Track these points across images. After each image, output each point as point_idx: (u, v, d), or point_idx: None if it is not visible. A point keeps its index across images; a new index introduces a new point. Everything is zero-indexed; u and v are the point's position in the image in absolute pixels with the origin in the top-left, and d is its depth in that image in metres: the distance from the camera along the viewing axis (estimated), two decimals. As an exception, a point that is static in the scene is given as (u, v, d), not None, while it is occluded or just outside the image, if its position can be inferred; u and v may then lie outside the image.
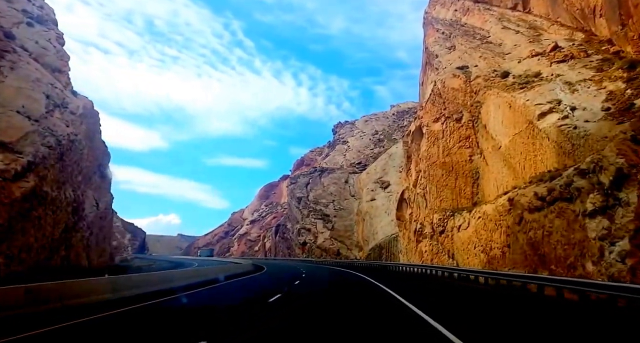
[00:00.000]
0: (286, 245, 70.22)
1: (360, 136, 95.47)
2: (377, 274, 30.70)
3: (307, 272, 32.60)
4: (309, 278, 25.73)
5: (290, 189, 74.53)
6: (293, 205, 71.16)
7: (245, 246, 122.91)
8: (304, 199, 68.30)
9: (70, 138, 29.33)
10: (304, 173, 76.50)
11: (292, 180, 75.68)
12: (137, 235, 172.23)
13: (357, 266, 44.15)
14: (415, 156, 40.85)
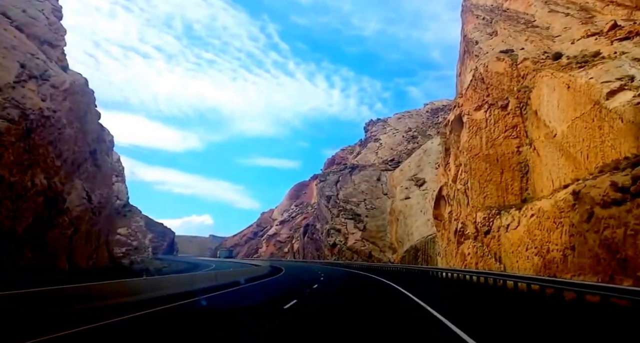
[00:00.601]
0: (315, 246, 68.06)
1: (392, 133, 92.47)
2: (416, 285, 24.25)
3: (325, 278, 29.59)
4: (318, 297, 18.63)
5: (319, 187, 72.38)
6: (322, 204, 68.94)
7: (274, 247, 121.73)
8: (333, 198, 65.97)
9: (44, 114, 25.47)
10: (334, 171, 74.18)
11: (321, 178, 73.50)
12: (165, 236, 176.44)
13: (389, 271, 41.25)
14: (455, 149, 37.78)
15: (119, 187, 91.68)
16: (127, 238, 70.14)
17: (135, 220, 79.05)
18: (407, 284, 23.62)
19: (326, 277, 30.91)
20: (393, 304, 15.11)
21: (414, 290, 20.05)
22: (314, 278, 29.76)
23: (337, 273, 37.01)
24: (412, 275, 34.94)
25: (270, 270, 37.67)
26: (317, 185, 74.57)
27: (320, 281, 26.85)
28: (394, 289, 21.14)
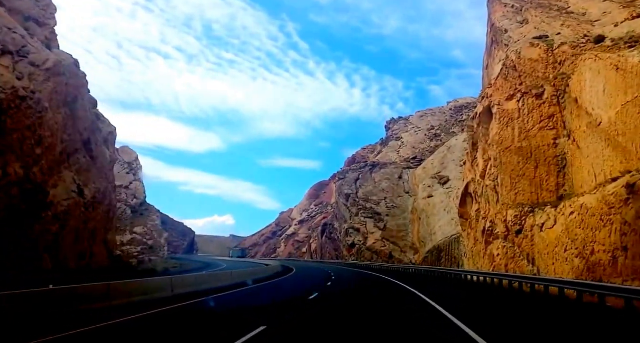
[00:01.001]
0: (333, 246, 66.16)
1: (415, 131, 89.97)
2: (445, 294, 20.45)
3: (334, 282, 27.38)
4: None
5: (338, 185, 70.46)
6: (341, 202, 66.99)
7: (292, 247, 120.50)
8: (352, 196, 63.95)
9: (19, 94, 22.70)
10: (353, 169, 72.16)
11: (340, 176, 71.56)
12: (186, 235, 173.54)
13: (411, 274, 38.99)
14: (483, 142, 35.36)
15: (137, 186, 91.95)
16: (142, 238, 69.71)
17: (152, 219, 78.76)
18: (438, 296, 17.90)
19: (336, 281, 28.61)
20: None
21: (448, 304, 14.42)
22: (318, 283, 26.94)
23: (351, 276, 33.71)
24: (437, 279, 32.64)
25: (279, 271, 36.33)
26: (336, 183, 72.66)
27: (325, 287, 23.59)
28: (420, 301, 16.44)
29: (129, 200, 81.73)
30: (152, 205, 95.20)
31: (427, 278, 33.43)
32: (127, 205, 78.46)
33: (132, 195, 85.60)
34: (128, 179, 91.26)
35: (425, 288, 22.19)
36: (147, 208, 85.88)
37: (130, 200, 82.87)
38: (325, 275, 33.46)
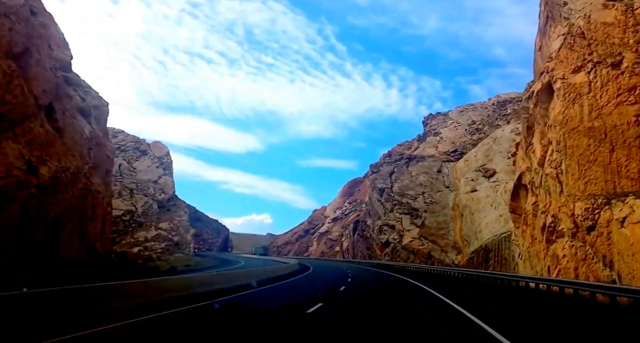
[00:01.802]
0: (365, 244, 61.91)
1: (454, 127, 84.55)
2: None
3: (350, 284, 23.60)
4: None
5: (371, 179, 66.12)
6: (374, 197, 62.66)
7: (325, 246, 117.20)
8: (387, 191, 59.52)
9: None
10: (388, 162, 67.63)
11: (374, 170, 67.20)
12: (220, 232, 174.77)
13: (451, 278, 34.27)
14: (541, 125, 30.36)
15: (166, 181, 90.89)
16: (168, 233, 67.90)
17: (179, 214, 77.08)
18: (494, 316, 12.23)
19: (352, 284, 24.76)
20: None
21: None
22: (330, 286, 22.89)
23: (373, 280, 29.47)
24: (483, 285, 27.95)
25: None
26: (369, 176, 68.32)
27: (337, 293, 19.41)
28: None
29: (156, 195, 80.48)
30: (182, 200, 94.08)
31: (471, 283, 28.86)
32: (154, 200, 77.12)
33: (161, 190, 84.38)
34: (157, 174, 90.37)
35: (473, 301, 17.48)
36: (175, 203, 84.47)
37: (158, 194, 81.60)
38: (341, 276, 29.59)
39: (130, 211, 69.60)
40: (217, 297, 15.46)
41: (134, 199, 73.47)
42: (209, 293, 16.49)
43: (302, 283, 25.15)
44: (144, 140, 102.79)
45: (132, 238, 64.00)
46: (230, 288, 18.55)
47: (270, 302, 16.19)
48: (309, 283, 25.22)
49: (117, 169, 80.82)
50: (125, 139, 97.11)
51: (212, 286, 18.20)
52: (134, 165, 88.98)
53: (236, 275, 21.99)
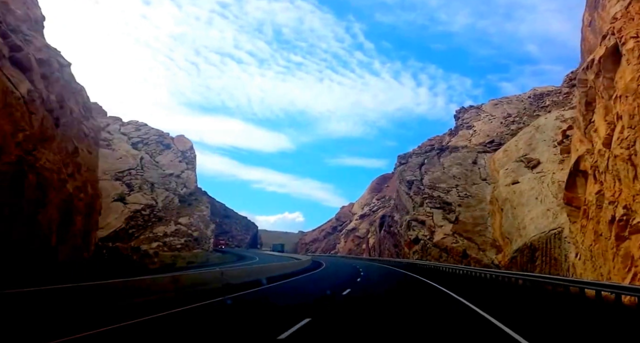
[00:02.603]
0: (393, 241, 56.82)
1: (489, 120, 78.63)
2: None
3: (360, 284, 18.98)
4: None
5: (399, 171, 60.92)
6: (402, 191, 57.53)
7: (352, 243, 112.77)
8: (416, 183, 54.31)
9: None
10: (417, 153, 62.32)
11: (402, 160, 61.98)
12: (249, 229, 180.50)
13: (492, 282, 28.88)
14: (605, 98, 24.77)
15: (188, 175, 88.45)
16: (187, 228, 64.92)
17: (200, 209, 74.18)
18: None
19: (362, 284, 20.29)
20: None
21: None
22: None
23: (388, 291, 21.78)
24: (531, 292, 22.80)
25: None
26: (397, 168, 63.14)
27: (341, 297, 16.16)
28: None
29: (178, 189, 77.94)
30: (204, 195, 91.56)
31: (518, 291, 23.76)
32: (175, 194, 74.55)
33: (182, 184, 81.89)
34: (180, 168, 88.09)
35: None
36: (196, 198, 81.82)
37: (180, 189, 79.08)
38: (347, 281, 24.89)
39: (150, 205, 67.14)
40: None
41: (154, 193, 71.07)
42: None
43: (298, 285, 21.52)
44: (167, 134, 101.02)
45: (151, 233, 61.42)
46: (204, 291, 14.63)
47: (245, 315, 12.06)
48: (306, 286, 21.19)
49: (139, 162, 78.86)
50: (148, 133, 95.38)
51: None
52: (157, 159, 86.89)
53: (228, 274, 18.00)
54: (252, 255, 68.58)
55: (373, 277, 28.42)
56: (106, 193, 66.51)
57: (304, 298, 16.23)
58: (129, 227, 60.85)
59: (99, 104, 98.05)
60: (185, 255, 51.58)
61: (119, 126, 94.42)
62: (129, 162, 76.31)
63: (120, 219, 60.59)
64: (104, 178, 69.84)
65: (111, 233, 57.93)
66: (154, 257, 40.28)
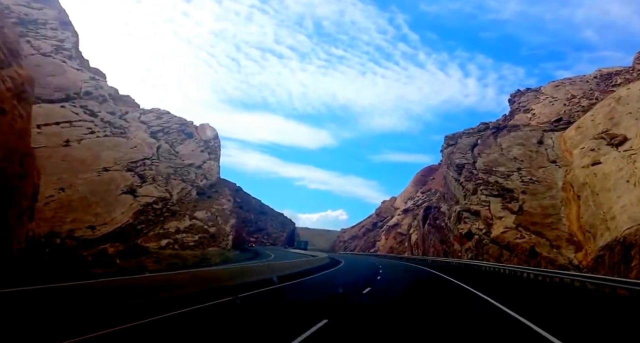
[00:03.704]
0: (439, 237, 49.89)
1: (549, 102, 70.68)
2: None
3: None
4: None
5: (446, 154, 53.89)
6: (450, 177, 50.61)
7: (394, 240, 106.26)
8: (467, 167, 47.36)
9: None
10: (468, 133, 55.07)
11: (450, 141, 54.84)
12: (285, 227, 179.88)
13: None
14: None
15: (210, 166, 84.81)
16: (204, 224, 60.75)
17: (220, 202, 70.04)
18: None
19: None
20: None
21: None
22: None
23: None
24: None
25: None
26: (444, 150, 56.09)
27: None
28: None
29: (197, 181, 74.25)
30: (225, 187, 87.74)
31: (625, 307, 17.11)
32: (193, 186, 70.83)
33: (203, 176, 78.28)
34: (202, 158, 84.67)
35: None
36: (217, 190, 77.93)
37: (199, 180, 75.42)
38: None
39: (163, 198, 63.54)
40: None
41: (169, 185, 67.50)
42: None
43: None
44: (191, 123, 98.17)
45: (162, 230, 57.67)
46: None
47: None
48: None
49: (155, 152, 75.80)
50: (170, 121, 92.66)
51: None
52: (177, 148, 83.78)
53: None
54: (269, 253, 66.43)
55: (390, 293, 18.64)
56: (115, 185, 63.68)
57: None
58: (137, 222, 57.33)
59: (132, 97, 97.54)
60: (188, 254, 47.21)
61: (138, 114, 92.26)
62: (144, 152, 73.27)
63: (127, 214, 57.16)
64: (114, 168, 67.05)
65: (116, 229, 54.52)
66: (144, 260, 34.70)
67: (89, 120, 75.83)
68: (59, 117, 72.99)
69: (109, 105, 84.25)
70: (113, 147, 73.63)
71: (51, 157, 64.51)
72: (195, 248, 55.01)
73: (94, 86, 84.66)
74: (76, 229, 54.45)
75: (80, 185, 61.38)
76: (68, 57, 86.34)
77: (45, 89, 78.34)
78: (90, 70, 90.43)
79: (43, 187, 60.66)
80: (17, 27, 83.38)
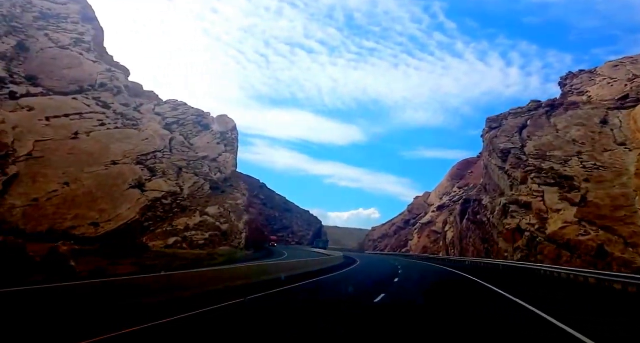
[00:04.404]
0: (480, 234, 43.74)
1: (607, 83, 62.97)
2: None
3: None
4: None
5: (488, 138, 47.78)
6: (493, 164, 44.61)
7: (427, 239, 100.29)
8: (515, 152, 41.36)
9: None
10: (515, 113, 48.77)
11: (493, 124, 48.67)
12: (311, 225, 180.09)
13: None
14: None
15: (226, 158, 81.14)
16: (216, 221, 56.83)
17: (234, 197, 66.02)
18: None
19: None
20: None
21: None
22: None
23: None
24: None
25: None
26: (485, 135, 49.91)
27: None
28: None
29: (211, 174, 70.57)
30: (241, 181, 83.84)
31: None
32: (206, 180, 67.11)
33: (217, 169, 74.63)
34: (217, 150, 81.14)
35: None
36: (232, 184, 74.05)
37: (213, 174, 71.73)
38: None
39: (173, 193, 60.05)
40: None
41: (180, 179, 64.03)
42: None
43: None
44: (208, 114, 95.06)
45: (170, 227, 54.07)
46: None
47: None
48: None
49: (168, 144, 72.66)
50: (186, 112, 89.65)
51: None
52: (192, 140, 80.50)
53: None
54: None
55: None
56: (123, 179, 60.68)
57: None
58: (144, 219, 53.97)
59: (155, 93, 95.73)
60: (189, 254, 43.21)
61: (153, 106, 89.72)
62: (155, 144, 70.16)
63: (134, 210, 53.89)
64: (123, 162, 64.19)
65: (121, 227, 51.27)
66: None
67: (100, 112, 73.60)
68: (70, 109, 71.02)
69: (123, 97, 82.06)
70: (123, 140, 70.93)
71: (57, 151, 62.33)
72: (205, 247, 51.16)
73: (109, 78, 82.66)
74: (78, 226, 51.70)
75: (86, 180, 58.78)
76: (86, 50, 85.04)
77: (59, 81, 77.10)
78: (111, 64, 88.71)
79: (46, 182, 58.86)
80: (38, 21, 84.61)
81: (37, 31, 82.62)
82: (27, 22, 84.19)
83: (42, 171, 57.12)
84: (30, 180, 54.96)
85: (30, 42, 79.94)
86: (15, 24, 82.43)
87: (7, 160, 55.72)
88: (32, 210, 49.62)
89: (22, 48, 78.53)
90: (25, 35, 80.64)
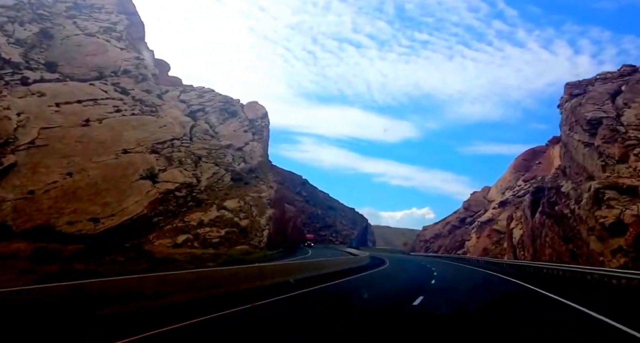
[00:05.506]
0: (560, 231, 34.55)
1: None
2: None
3: None
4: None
5: (568, 109, 38.87)
6: (575, 141, 36.04)
7: (488, 240, 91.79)
8: (607, 123, 32.85)
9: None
10: (602, 78, 39.85)
11: (574, 90, 39.83)
12: (356, 224, 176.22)
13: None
14: None
15: (252, 147, 75.76)
16: (234, 215, 51.16)
17: (258, 190, 60.12)
18: None
19: None
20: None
21: None
22: None
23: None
24: None
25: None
26: (563, 104, 40.95)
27: None
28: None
29: (233, 164, 65.22)
30: (269, 172, 78.22)
31: None
32: (228, 170, 61.78)
33: (241, 159, 69.34)
34: (244, 139, 76.16)
35: None
36: (257, 175, 68.40)
37: (237, 164, 66.36)
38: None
39: (188, 184, 55.12)
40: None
41: (198, 169, 59.06)
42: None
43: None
44: (237, 101, 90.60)
45: (181, 223, 48.98)
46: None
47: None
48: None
49: (188, 132, 68.15)
50: (212, 99, 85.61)
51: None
52: (217, 128, 75.85)
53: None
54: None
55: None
56: (134, 169, 56.44)
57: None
58: (153, 214, 49.10)
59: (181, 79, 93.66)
60: (187, 254, 37.52)
61: (179, 92, 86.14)
62: (174, 131, 65.85)
63: (142, 203, 49.24)
64: (136, 150, 60.11)
65: (125, 222, 46.67)
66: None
67: (117, 99, 70.48)
68: (84, 95, 68.17)
69: (147, 84, 78.89)
70: (138, 127, 67.15)
71: (64, 138, 58.99)
72: (219, 245, 45.65)
73: (134, 65, 79.83)
74: (75, 222, 47.59)
75: (92, 170, 54.97)
76: (116, 39, 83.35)
77: (80, 68, 75.00)
78: (138, 52, 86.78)
79: (47, 172, 55.37)
80: (70, 10, 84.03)
81: (65, 19, 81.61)
82: (57, 10, 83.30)
83: (43, 161, 53.74)
84: (29, 171, 51.56)
85: (56, 29, 78.56)
86: (42, 11, 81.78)
87: (6, 148, 52.81)
88: (25, 204, 45.83)
89: (46, 35, 77.12)
90: (52, 23, 79.55)
